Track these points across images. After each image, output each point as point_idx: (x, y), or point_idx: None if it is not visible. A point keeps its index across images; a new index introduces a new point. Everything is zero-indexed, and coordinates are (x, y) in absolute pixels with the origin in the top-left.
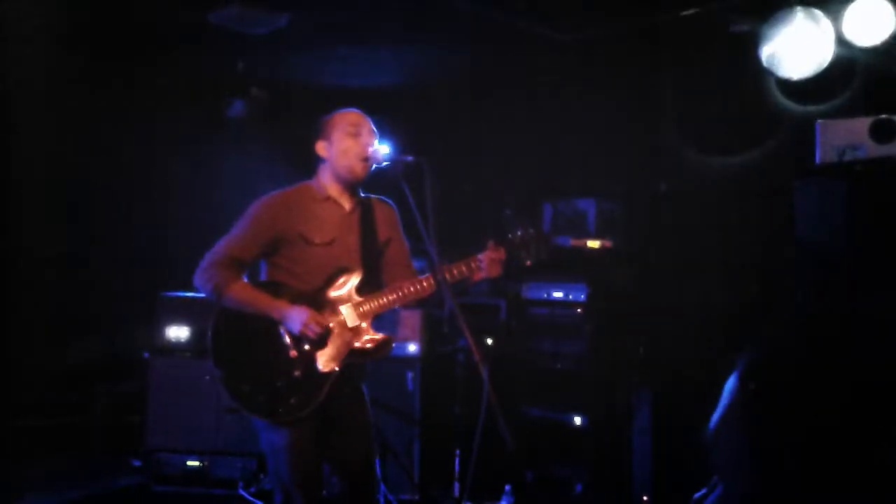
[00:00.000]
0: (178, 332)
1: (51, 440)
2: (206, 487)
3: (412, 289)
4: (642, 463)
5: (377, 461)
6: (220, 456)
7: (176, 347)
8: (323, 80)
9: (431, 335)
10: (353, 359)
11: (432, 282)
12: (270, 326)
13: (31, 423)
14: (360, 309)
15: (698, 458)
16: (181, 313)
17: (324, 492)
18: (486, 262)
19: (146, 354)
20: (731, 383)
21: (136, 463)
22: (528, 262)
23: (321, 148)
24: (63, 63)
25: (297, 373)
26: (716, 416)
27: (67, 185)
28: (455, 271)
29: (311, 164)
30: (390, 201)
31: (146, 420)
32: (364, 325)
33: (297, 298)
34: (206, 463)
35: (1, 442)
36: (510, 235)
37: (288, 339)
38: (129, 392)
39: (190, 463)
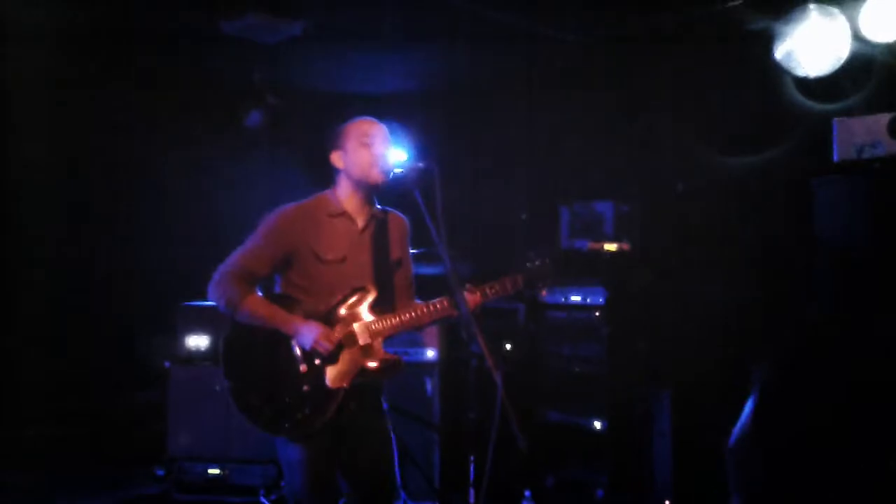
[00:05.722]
0: (197, 342)
1: (72, 449)
2: (227, 495)
3: (426, 310)
4: (662, 466)
5: (396, 470)
6: (240, 464)
7: (196, 356)
8: (337, 87)
9: (450, 340)
10: (363, 377)
11: (446, 304)
12: (282, 340)
13: (53, 431)
14: (373, 328)
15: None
16: (201, 323)
17: (341, 500)
18: (500, 287)
19: (167, 364)
20: (748, 405)
21: (159, 472)
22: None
23: (336, 158)
24: (79, 71)
25: (305, 387)
26: (735, 434)
27: (86, 194)
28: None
29: (325, 172)
30: (404, 216)
31: (167, 429)
32: (375, 344)
33: (310, 315)
34: (226, 471)
35: (23, 450)
36: (528, 265)
37: (299, 354)
38: (151, 401)
39: (211, 471)
